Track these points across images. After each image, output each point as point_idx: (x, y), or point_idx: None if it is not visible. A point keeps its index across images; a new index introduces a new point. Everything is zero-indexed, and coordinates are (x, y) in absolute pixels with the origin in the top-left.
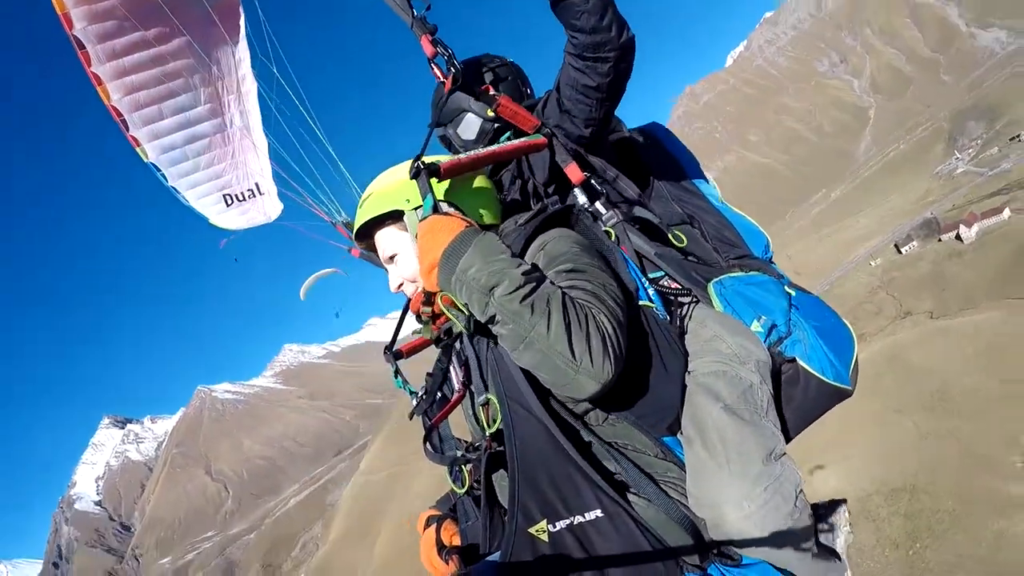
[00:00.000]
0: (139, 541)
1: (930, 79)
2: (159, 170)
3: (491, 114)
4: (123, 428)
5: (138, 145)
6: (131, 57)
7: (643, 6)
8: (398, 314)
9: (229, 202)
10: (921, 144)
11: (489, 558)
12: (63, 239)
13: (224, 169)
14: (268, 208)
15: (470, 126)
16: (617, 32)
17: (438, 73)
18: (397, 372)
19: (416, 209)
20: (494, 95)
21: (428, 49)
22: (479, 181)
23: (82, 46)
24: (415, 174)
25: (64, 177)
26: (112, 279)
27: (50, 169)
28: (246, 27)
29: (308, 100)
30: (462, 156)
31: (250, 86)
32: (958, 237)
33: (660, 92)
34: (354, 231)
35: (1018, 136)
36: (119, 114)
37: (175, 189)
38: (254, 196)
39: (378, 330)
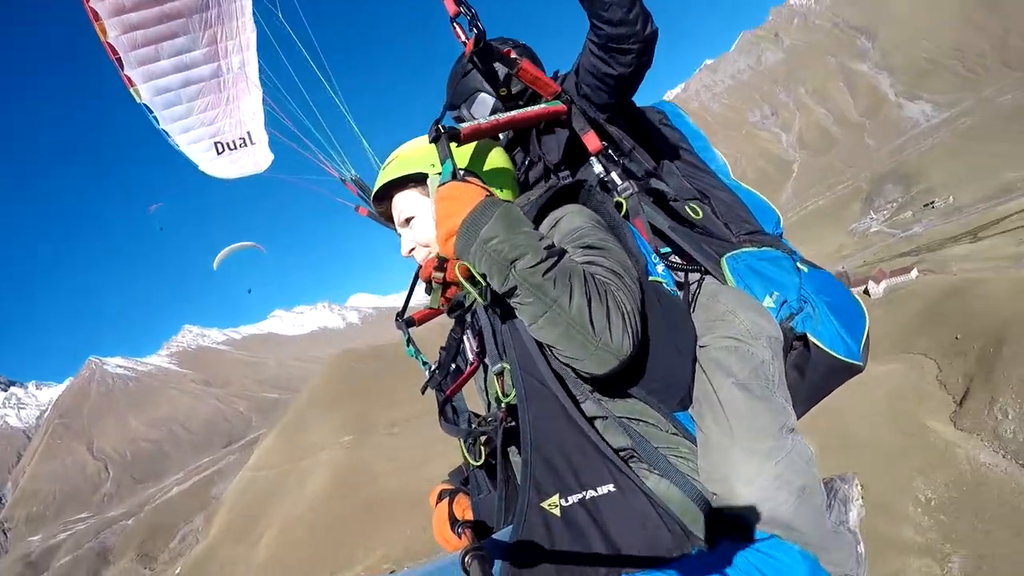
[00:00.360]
0: (9, 514)
1: (855, 142)
2: (152, 112)
3: (503, 93)
4: (6, 390)
5: (132, 85)
6: None
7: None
8: (304, 309)
9: (220, 150)
10: (840, 201)
11: (502, 532)
12: None
13: (217, 116)
14: (258, 158)
15: (484, 104)
16: (642, 25)
17: (460, 33)
18: (409, 340)
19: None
20: (515, 59)
21: (451, 8)
22: (498, 157)
23: None
24: (435, 137)
25: None
26: (12, 230)
27: None
28: None
29: (324, 55)
30: (482, 122)
31: (251, 33)
32: (866, 292)
33: None
34: (374, 190)
35: (932, 203)
36: (115, 52)
37: (166, 132)
38: (245, 145)
39: (282, 323)
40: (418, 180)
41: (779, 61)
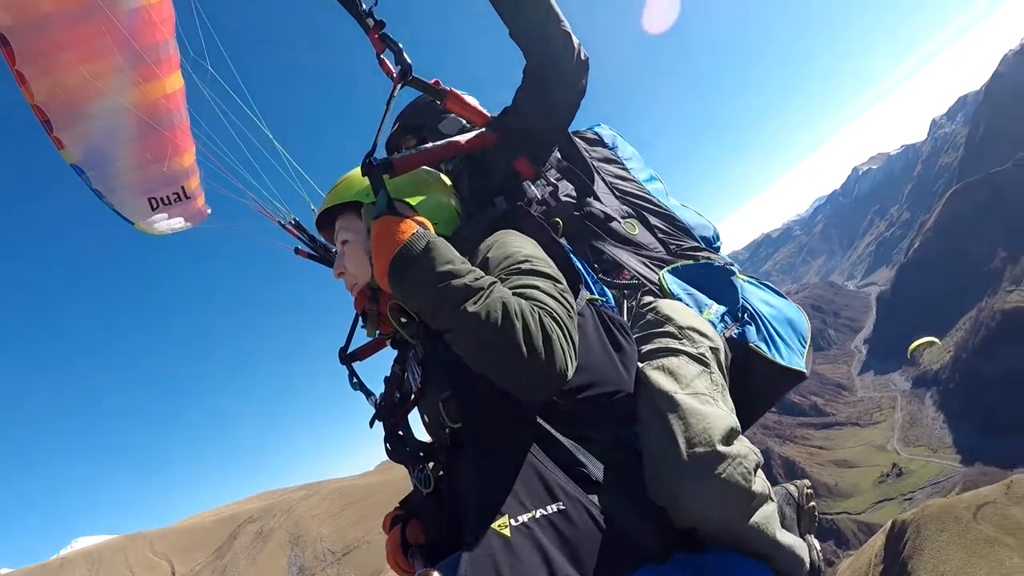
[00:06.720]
0: None
1: None
2: (83, 173)
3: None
4: None
5: (62, 147)
6: (58, 56)
7: None
8: None
9: (155, 205)
10: None
11: (454, 555)
12: None
13: (151, 172)
14: (195, 212)
15: (456, 122)
16: (573, 52)
17: (389, 66)
18: (352, 375)
19: (373, 205)
20: (444, 89)
21: (376, 44)
22: (437, 186)
23: (6, 43)
24: (367, 170)
25: None
26: None
27: None
28: (177, 24)
29: (255, 99)
30: (414, 152)
31: (179, 85)
32: None
33: None
34: (317, 216)
35: None
36: (43, 114)
37: (99, 192)
38: (180, 200)
39: None
40: (355, 207)
41: None
